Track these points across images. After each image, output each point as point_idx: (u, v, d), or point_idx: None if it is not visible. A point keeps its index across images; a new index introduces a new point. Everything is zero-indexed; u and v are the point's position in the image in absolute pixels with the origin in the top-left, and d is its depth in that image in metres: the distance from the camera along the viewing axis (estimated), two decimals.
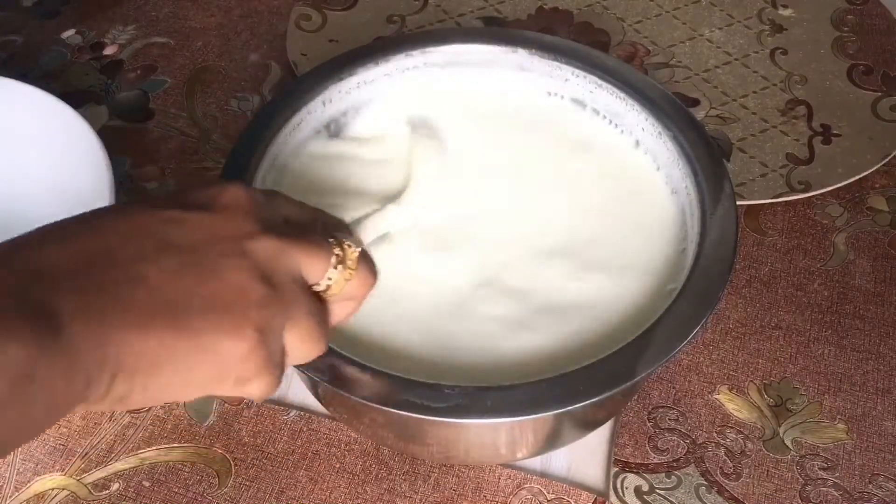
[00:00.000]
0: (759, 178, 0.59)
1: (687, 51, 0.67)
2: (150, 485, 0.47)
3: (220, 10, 0.71)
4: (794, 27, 0.69)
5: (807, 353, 0.52)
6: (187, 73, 0.66)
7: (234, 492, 0.47)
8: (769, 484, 0.47)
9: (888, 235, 0.57)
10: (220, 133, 0.63)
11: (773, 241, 0.57)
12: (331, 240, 0.34)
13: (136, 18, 0.70)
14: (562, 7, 0.70)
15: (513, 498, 0.46)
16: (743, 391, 0.50)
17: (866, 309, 0.54)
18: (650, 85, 0.50)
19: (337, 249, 0.34)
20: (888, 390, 0.51)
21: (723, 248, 0.42)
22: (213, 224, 0.32)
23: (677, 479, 0.47)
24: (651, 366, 0.39)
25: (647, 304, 0.43)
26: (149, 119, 0.63)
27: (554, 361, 0.40)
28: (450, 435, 0.44)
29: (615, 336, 0.41)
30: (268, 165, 0.46)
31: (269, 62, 0.67)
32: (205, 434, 0.49)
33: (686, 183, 0.46)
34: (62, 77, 0.66)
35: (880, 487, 0.47)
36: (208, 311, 0.30)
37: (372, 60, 0.51)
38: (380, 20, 0.69)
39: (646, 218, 0.47)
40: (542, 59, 0.51)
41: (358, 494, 0.47)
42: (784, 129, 0.62)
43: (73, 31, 0.69)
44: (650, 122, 0.48)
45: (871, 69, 0.66)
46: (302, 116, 0.49)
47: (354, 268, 0.34)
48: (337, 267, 0.34)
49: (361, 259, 0.35)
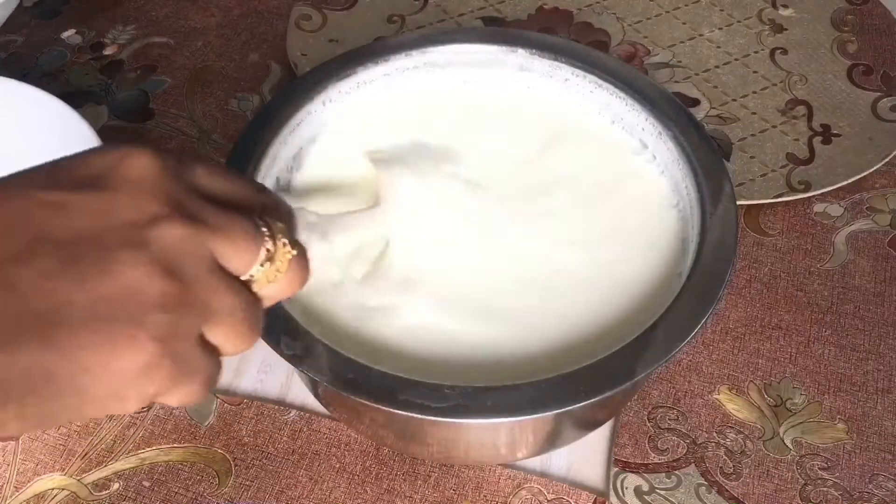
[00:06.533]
0: (759, 178, 0.59)
1: (687, 51, 0.67)
2: (150, 485, 0.47)
3: (220, 10, 0.71)
4: (794, 27, 0.69)
5: (807, 353, 0.52)
6: (187, 73, 0.66)
7: (234, 492, 0.47)
8: (769, 484, 0.47)
9: (888, 235, 0.57)
10: (220, 133, 0.63)
11: (773, 241, 0.57)
12: (264, 229, 0.29)
13: (136, 18, 0.70)
14: (562, 7, 0.70)
15: (513, 498, 0.46)
16: (743, 391, 0.50)
17: (866, 309, 0.54)
18: (650, 85, 0.50)
19: (269, 243, 0.29)
20: (888, 390, 0.51)
21: (723, 248, 0.42)
22: (106, 207, 0.26)
23: (677, 479, 0.47)
24: (651, 366, 0.39)
25: (647, 303, 0.43)
26: (149, 119, 0.63)
27: (554, 361, 0.40)
28: (450, 435, 0.44)
29: (615, 335, 0.41)
30: (268, 165, 0.46)
31: (269, 62, 0.67)
32: (205, 434, 0.49)
33: (686, 183, 0.46)
34: (62, 77, 0.66)
35: (880, 487, 0.47)
36: (90, 320, 0.25)
37: (372, 60, 0.51)
38: (380, 20, 0.69)
39: (645, 217, 0.47)
40: (542, 59, 0.51)
41: (358, 494, 0.47)
42: (784, 129, 0.62)
43: (73, 31, 0.69)
44: (650, 122, 0.48)
45: (871, 69, 0.66)
46: (302, 117, 0.49)
47: (283, 270, 0.29)
48: (264, 264, 0.29)
49: (294, 262, 0.30)
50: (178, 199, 0.27)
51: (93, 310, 0.25)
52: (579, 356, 0.40)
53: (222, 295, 0.27)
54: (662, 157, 0.48)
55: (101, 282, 0.25)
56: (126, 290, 0.25)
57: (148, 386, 0.26)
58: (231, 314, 0.28)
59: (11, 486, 0.47)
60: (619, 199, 0.48)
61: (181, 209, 0.27)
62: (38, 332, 0.24)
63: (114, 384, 0.25)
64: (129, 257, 0.25)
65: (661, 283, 0.44)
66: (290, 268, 0.30)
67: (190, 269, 0.26)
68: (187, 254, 0.26)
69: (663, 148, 0.48)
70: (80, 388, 0.25)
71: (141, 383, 0.26)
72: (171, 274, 0.26)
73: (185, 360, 0.27)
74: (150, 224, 0.26)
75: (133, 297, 0.25)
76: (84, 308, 0.25)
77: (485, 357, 0.41)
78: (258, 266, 0.29)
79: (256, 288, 0.29)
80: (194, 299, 0.26)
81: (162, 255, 0.26)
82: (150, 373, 0.26)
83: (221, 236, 0.27)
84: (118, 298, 0.25)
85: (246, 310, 0.28)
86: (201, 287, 0.27)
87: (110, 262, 0.25)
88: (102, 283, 0.25)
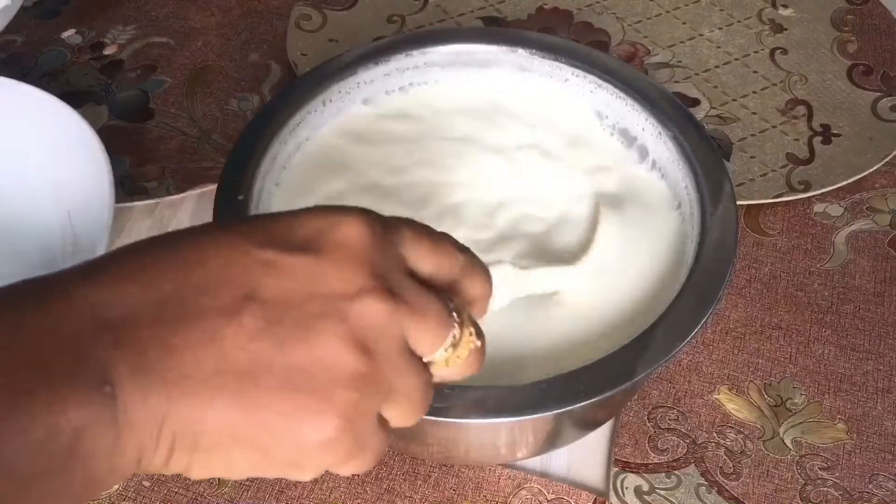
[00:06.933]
0: (759, 178, 0.59)
1: (687, 51, 0.67)
2: (150, 485, 0.47)
3: (220, 10, 0.71)
4: (794, 27, 0.69)
5: (807, 353, 0.52)
6: (187, 73, 0.66)
7: (234, 492, 0.47)
8: (769, 484, 0.47)
9: (888, 235, 0.57)
10: (220, 133, 0.63)
11: (773, 241, 0.57)
12: (454, 314, 0.29)
13: (136, 18, 0.70)
14: (562, 7, 0.70)
15: (513, 498, 0.46)
16: (743, 391, 0.50)
17: (866, 309, 0.54)
18: (650, 85, 0.50)
19: (456, 329, 0.29)
20: (888, 390, 0.51)
21: (723, 248, 0.42)
22: (315, 273, 0.26)
23: (677, 479, 0.47)
24: (651, 366, 0.39)
25: (647, 303, 0.43)
26: (149, 119, 0.63)
27: (553, 361, 0.40)
28: (450, 435, 0.44)
29: (615, 336, 0.41)
30: (268, 165, 0.46)
31: (269, 62, 0.67)
32: None
33: (686, 183, 0.46)
34: (62, 77, 0.66)
35: (880, 487, 0.47)
36: (285, 387, 0.25)
37: (372, 60, 0.51)
38: (380, 20, 0.69)
39: (645, 217, 0.47)
40: (542, 59, 0.51)
41: (358, 494, 0.47)
42: (784, 129, 0.62)
43: (73, 31, 0.69)
44: (650, 122, 0.48)
45: (871, 69, 0.66)
46: (302, 116, 0.49)
47: (463, 357, 0.29)
48: (447, 349, 0.28)
49: (474, 352, 0.30)
50: (385, 272, 0.27)
51: (288, 377, 0.25)
52: (579, 356, 0.40)
53: (407, 377, 0.27)
54: (662, 157, 0.48)
55: (300, 349, 0.25)
56: (321, 361, 0.25)
57: (327, 458, 0.26)
58: (410, 395, 0.28)
59: None
60: (618, 199, 0.48)
61: (384, 283, 0.27)
62: (236, 391, 0.25)
63: (296, 453, 0.26)
64: (331, 328, 0.26)
65: (662, 283, 0.44)
66: (470, 356, 0.30)
67: (383, 347, 0.26)
68: (383, 332, 0.26)
69: (663, 148, 0.48)
70: (265, 450, 0.25)
71: (321, 456, 0.26)
72: (366, 351, 0.26)
73: (364, 436, 0.27)
74: (354, 297, 0.26)
75: (327, 371, 0.25)
76: (281, 374, 0.25)
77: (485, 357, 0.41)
78: (442, 350, 0.28)
79: (434, 370, 0.29)
80: (382, 379, 0.27)
81: (360, 331, 0.26)
82: (331, 447, 0.26)
83: (416, 317, 0.27)
84: (313, 369, 0.25)
85: (422, 388, 0.28)
86: (391, 368, 0.27)
87: (311, 332, 0.25)
88: (301, 350, 0.25)
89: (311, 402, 0.25)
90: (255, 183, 0.45)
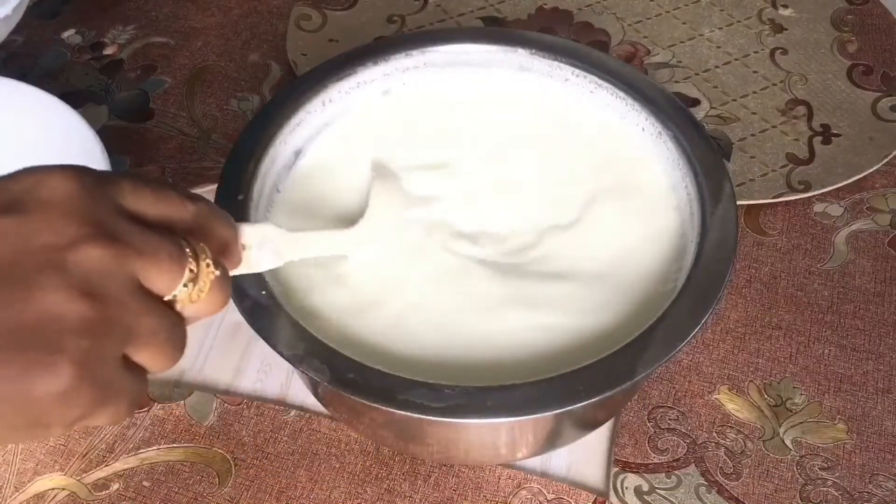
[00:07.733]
0: (759, 178, 0.59)
1: (687, 51, 0.67)
2: (150, 485, 0.47)
3: (220, 10, 0.71)
4: (794, 27, 0.69)
5: (807, 353, 0.52)
6: (187, 73, 0.66)
7: (234, 492, 0.47)
8: (769, 484, 0.47)
9: (888, 235, 0.57)
10: (220, 133, 0.63)
11: (773, 241, 0.57)
12: (187, 249, 0.29)
13: (136, 18, 0.70)
14: (562, 7, 0.70)
15: (513, 498, 0.46)
16: (743, 391, 0.50)
17: (866, 309, 0.54)
18: (650, 85, 0.50)
19: (192, 264, 0.28)
20: (888, 390, 0.51)
21: (723, 248, 0.42)
22: (22, 231, 0.25)
23: (677, 479, 0.47)
24: (651, 366, 0.39)
25: (647, 303, 0.43)
26: (149, 119, 0.63)
27: (553, 361, 0.40)
28: (450, 435, 0.44)
29: (615, 336, 0.41)
30: (267, 165, 0.46)
31: (269, 62, 0.67)
32: (205, 434, 0.49)
33: (686, 183, 0.46)
34: (62, 77, 0.66)
35: (880, 487, 0.47)
36: (12, 347, 0.24)
37: (372, 60, 0.51)
38: (380, 20, 0.69)
39: (645, 218, 0.47)
40: (542, 59, 0.51)
41: (358, 494, 0.47)
42: (784, 129, 0.62)
43: (73, 31, 0.69)
44: (650, 122, 0.48)
45: (871, 69, 0.66)
46: (302, 116, 0.49)
47: (206, 290, 0.29)
48: (187, 285, 0.28)
49: (216, 282, 0.30)
50: (99, 219, 0.26)
51: (13, 336, 0.24)
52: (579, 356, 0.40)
53: (144, 317, 0.27)
54: (662, 157, 0.48)
55: (21, 307, 0.25)
56: (46, 314, 0.25)
57: (70, 411, 0.26)
58: (154, 335, 0.27)
59: (11, 486, 0.47)
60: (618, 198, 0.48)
61: (102, 230, 0.26)
62: None
63: (34, 412, 0.25)
64: (50, 281, 0.25)
65: (662, 284, 0.44)
66: (213, 288, 0.29)
67: (111, 291, 0.26)
68: (108, 276, 0.26)
69: (663, 148, 0.48)
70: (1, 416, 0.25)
71: (62, 408, 0.25)
72: (91, 297, 0.25)
73: (108, 382, 0.26)
74: (69, 247, 0.26)
75: (52, 323, 0.25)
76: (5, 335, 0.24)
77: (484, 356, 0.41)
78: (181, 286, 0.28)
79: (179, 307, 0.29)
80: (116, 322, 0.26)
81: (81, 278, 0.25)
82: (70, 397, 0.25)
83: (144, 257, 0.27)
84: (37, 325, 0.25)
85: (169, 330, 0.28)
86: (123, 309, 0.26)
87: (30, 288, 0.25)
88: (22, 308, 0.25)
89: (40, 356, 0.25)
90: (255, 183, 0.45)
